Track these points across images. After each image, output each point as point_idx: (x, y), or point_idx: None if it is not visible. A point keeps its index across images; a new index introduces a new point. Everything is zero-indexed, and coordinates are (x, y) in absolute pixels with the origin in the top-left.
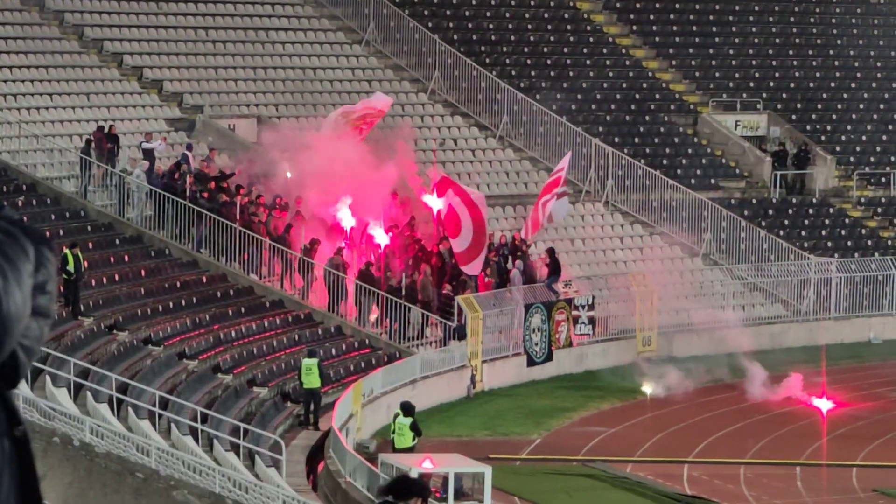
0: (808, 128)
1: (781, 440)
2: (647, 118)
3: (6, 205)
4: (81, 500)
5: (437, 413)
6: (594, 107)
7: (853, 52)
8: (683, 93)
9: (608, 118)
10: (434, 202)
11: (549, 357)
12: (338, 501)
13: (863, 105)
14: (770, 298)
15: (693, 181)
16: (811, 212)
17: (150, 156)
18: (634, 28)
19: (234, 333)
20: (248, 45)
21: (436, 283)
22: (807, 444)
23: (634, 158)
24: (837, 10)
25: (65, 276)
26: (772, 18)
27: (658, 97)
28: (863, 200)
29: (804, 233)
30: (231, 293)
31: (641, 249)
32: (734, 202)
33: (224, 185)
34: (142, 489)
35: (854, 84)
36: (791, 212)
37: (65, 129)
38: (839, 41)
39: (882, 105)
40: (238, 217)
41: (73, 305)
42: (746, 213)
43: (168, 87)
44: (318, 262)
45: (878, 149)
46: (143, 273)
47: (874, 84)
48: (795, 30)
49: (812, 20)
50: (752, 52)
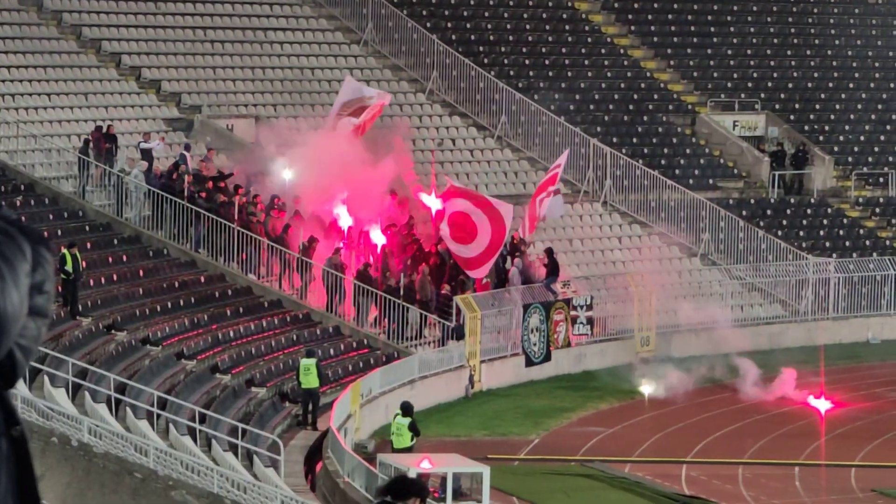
0: (807, 128)
1: (780, 440)
2: (646, 118)
3: (3, 205)
4: (79, 501)
5: (436, 413)
6: (592, 107)
7: (851, 53)
8: (681, 93)
9: (606, 118)
10: (432, 202)
11: (548, 357)
12: (336, 501)
13: (861, 105)
14: (768, 298)
15: (691, 181)
16: (809, 212)
17: (149, 156)
18: (633, 28)
19: (233, 333)
20: (247, 46)
21: (434, 283)
22: (805, 445)
23: (632, 158)
24: (835, 11)
25: (63, 276)
26: (770, 19)
27: (656, 97)
28: (861, 200)
29: (802, 233)
30: (229, 293)
31: (639, 249)
32: (732, 202)
33: (222, 185)
34: (140, 489)
35: (852, 84)
36: (789, 212)
37: (63, 129)
38: (837, 41)
39: (880, 105)
40: (236, 217)
41: (72, 305)
42: (744, 214)
43: (166, 87)
44: (317, 262)
45: (877, 149)
46: (142, 273)
47: (872, 84)
48: (794, 30)
49: (810, 20)
50: (751, 53)
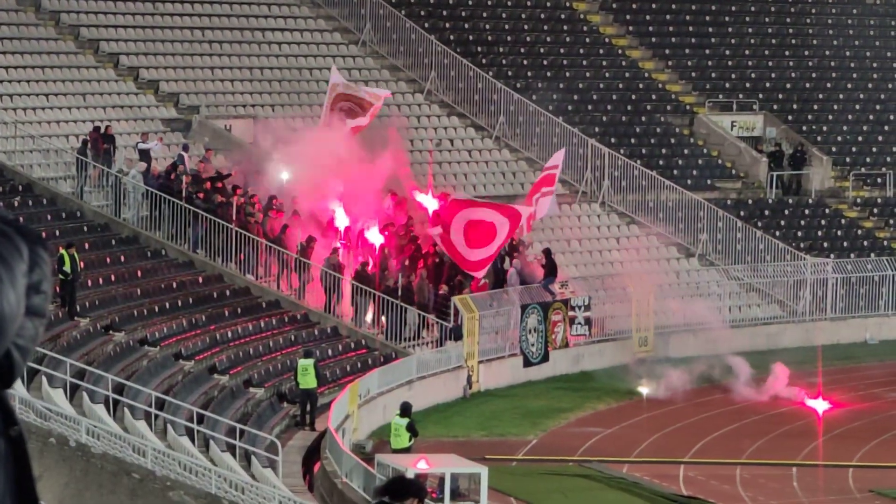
0: (804, 128)
1: (778, 441)
2: (644, 119)
3: (1, 205)
4: (77, 501)
5: (434, 413)
6: (590, 107)
7: (849, 53)
8: (680, 93)
9: (604, 118)
10: (429, 202)
11: (546, 358)
12: (334, 502)
13: (859, 106)
14: (766, 299)
15: (689, 182)
16: (807, 212)
17: (147, 156)
18: (631, 29)
19: (231, 334)
20: (245, 46)
21: (432, 283)
22: (803, 445)
23: (630, 159)
24: (833, 11)
25: (61, 277)
26: (768, 19)
27: (654, 98)
28: (859, 201)
29: (800, 233)
30: (227, 294)
31: (637, 250)
32: (730, 203)
33: (219, 186)
34: (138, 490)
35: (850, 85)
36: (787, 212)
37: (61, 130)
38: (835, 42)
39: (878, 106)
40: (234, 217)
41: (70, 306)
42: (742, 214)
43: (164, 88)
44: (315, 263)
45: (874, 149)
46: (140, 274)
47: (870, 85)
48: (792, 30)
49: (808, 21)
50: (749, 53)
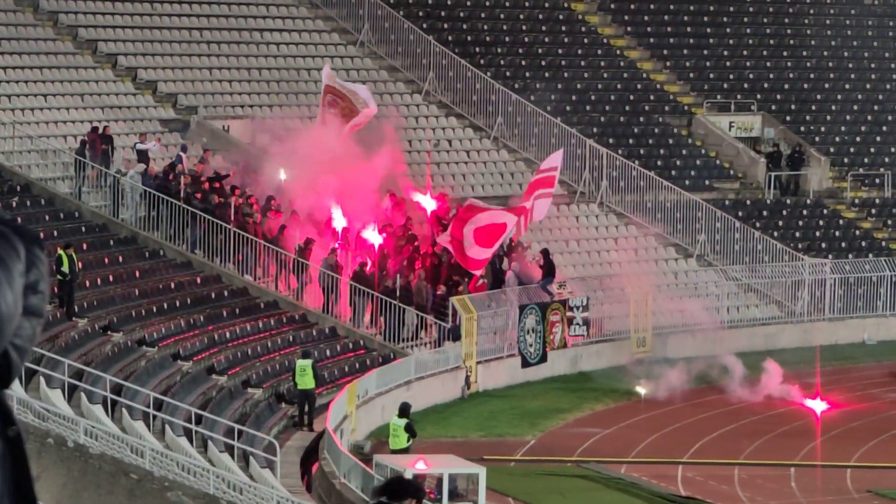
0: (802, 129)
1: (776, 441)
2: (642, 119)
3: None
4: (75, 502)
5: (432, 414)
6: (588, 108)
7: (847, 54)
8: (678, 94)
9: (602, 119)
10: (427, 203)
11: (544, 358)
12: (332, 502)
13: (857, 106)
14: (764, 299)
15: (687, 182)
16: (805, 213)
17: (145, 157)
18: (629, 29)
19: (229, 334)
20: (243, 47)
21: (430, 284)
22: (801, 445)
23: (629, 159)
24: (832, 12)
25: (59, 278)
26: (766, 20)
27: (652, 98)
28: (857, 202)
29: (798, 234)
30: (225, 294)
31: (635, 250)
32: (728, 203)
33: (217, 186)
34: (136, 490)
35: (848, 85)
36: (785, 213)
37: (59, 130)
38: (833, 42)
39: (876, 106)
40: (232, 218)
41: (68, 306)
42: (740, 214)
43: (162, 88)
44: (313, 263)
45: (872, 150)
46: (138, 274)
47: (868, 85)
48: (790, 31)
49: (806, 21)
50: (747, 54)
